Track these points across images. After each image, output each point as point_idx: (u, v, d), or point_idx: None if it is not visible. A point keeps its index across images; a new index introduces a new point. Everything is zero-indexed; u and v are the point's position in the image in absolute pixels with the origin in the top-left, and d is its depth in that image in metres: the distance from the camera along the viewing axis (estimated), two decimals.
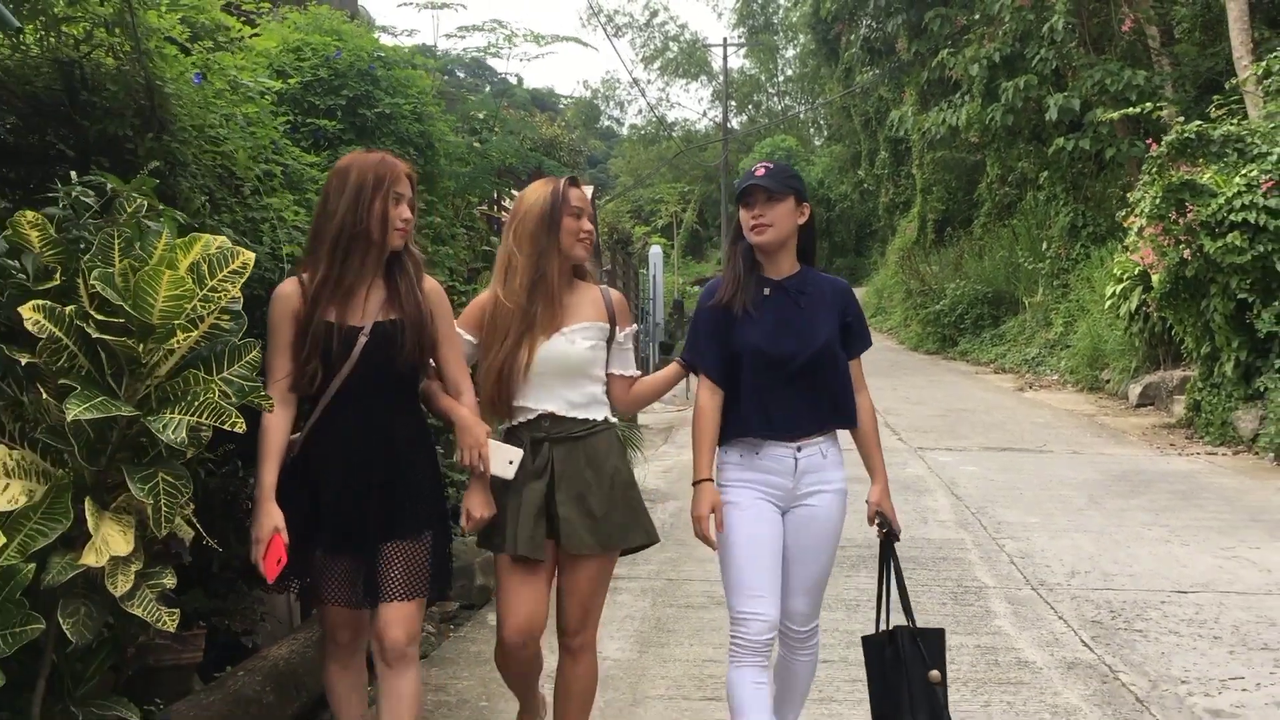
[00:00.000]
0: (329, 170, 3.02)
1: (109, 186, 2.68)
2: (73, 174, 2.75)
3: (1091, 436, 11.24)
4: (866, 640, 3.13)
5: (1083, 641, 4.70)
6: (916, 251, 29.21)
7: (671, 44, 55.92)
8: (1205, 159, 10.61)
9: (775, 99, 56.59)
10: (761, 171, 3.12)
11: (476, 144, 6.64)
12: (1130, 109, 13.87)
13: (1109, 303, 14.11)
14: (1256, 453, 9.66)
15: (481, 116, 6.44)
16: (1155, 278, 11.23)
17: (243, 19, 4.78)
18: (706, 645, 4.75)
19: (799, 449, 3.07)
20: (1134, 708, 3.97)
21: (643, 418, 12.96)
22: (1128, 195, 12.79)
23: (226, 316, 2.62)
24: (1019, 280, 21.41)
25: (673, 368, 3.25)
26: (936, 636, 3.09)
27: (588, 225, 3.10)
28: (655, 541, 3.13)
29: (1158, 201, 10.55)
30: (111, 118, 3.31)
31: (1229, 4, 14.66)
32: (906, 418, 12.52)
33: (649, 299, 19.75)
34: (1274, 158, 10.19)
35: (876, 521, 3.17)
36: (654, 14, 63.54)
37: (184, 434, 2.37)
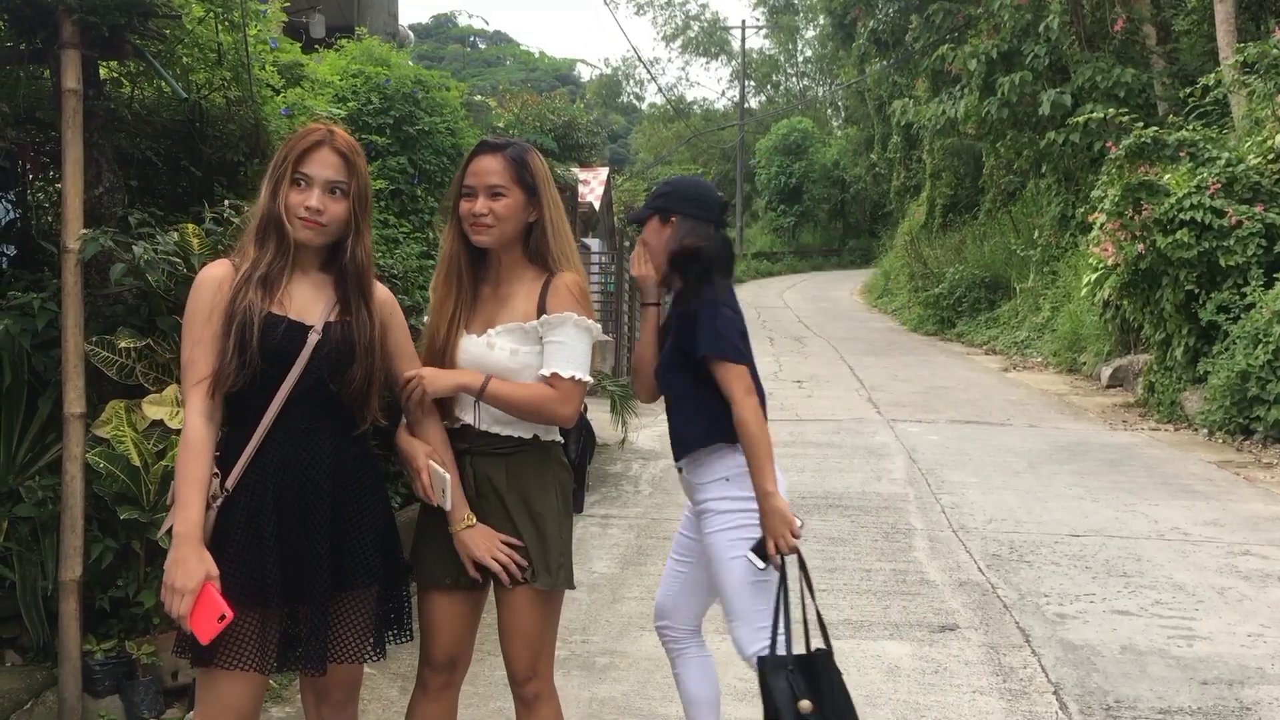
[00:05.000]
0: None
1: (245, 208, 3.83)
2: (224, 195, 3.91)
3: (1055, 413, 12.31)
4: (763, 660, 2.92)
5: (979, 568, 5.84)
6: (923, 235, 30.18)
7: (692, 23, 56.81)
8: (1160, 163, 11.63)
9: (794, 80, 57.42)
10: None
11: None
12: (1095, 115, 14.81)
13: (1084, 290, 15.14)
14: (1195, 429, 10.73)
15: (502, 125, 7.56)
16: (1117, 270, 12.30)
17: (311, 51, 5.94)
18: None
19: (679, 469, 3.09)
20: (1000, 610, 5.12)
21: None
22: (1092, 193, 13.82)
23: None
24: (1014, 266, 22.41)
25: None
26: (822, 662, 2.90)
27: (480, 207, 2.59)
28: (557, 587, 2.67)
29: (1117, 200, 11.61)
30: (228, 147, 4.46)
31: (1216, 4, 15.54)
32: (889, 393, 13.60)
33: None
34: (1222, 162, 11.22)
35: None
36: None
37: None
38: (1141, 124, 12.43)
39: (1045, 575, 5.71)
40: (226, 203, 3.94)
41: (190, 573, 2.25)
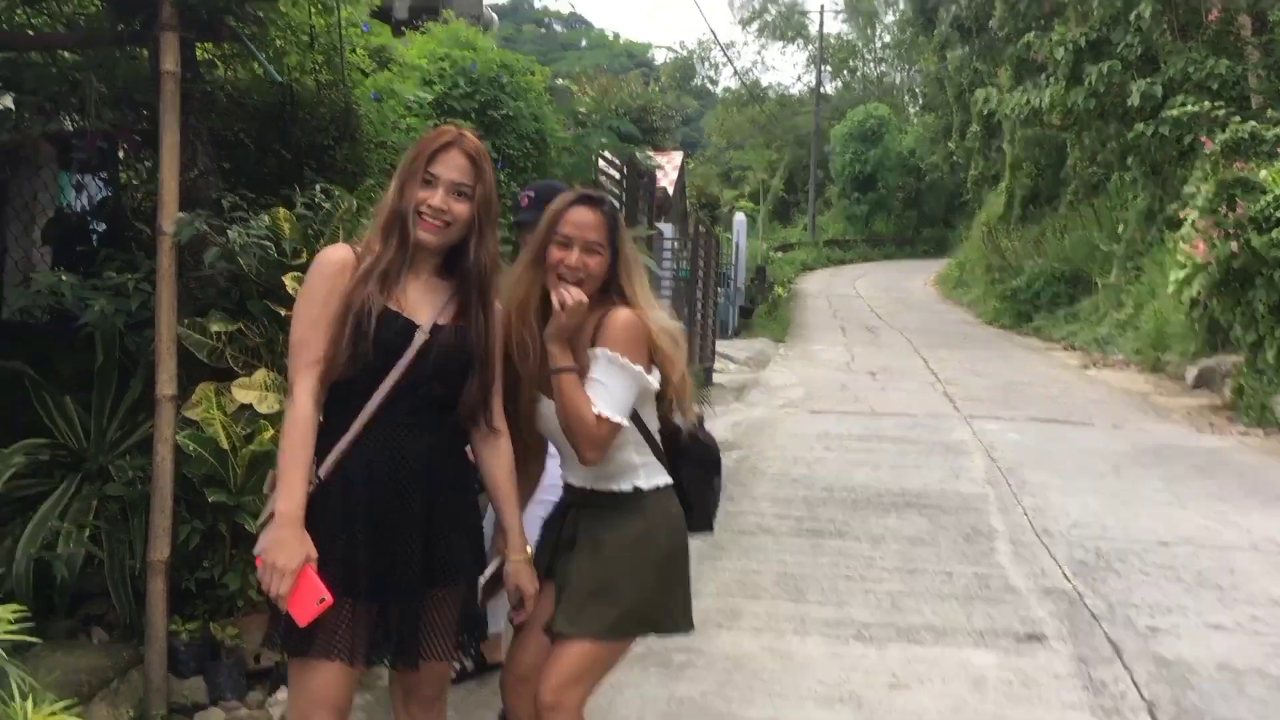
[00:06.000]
0: None
1: (336, 193, 3.82)
2: (315, 181, 3.90)
3: (1138, 414, 11.99)
4: None
5: (1065, 575, 5.68)
6: (1001, 227, 29.60)
7: (770, 6, 56.26)
8: (1257, 159, 11.23)
9: (871, 65, 56.63)
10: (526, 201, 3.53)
11: (580, 128, 7.73)
12: (1190, 108, 14.36)
13: (1172, 288, 14.71)
14: None
15: (584, 110, 7.51)
16: (1207, 268, 11.92)
17: (397, 35, 5.93)
18: (751, 560, 5.83)
19: None
20: (1088, 621, 4.97)
21: (717, 377, 14.04)
22: (1184, 189, 13.41)
23: None
24: (1095, 261, 21.88)
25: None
26: None
27: (574, 259, 2.54)
28: (675, 631, 2.74)
29: (1211, 196, 11.24)
30: (318, 130, 4.45)
31: None
32: (965, 388, 13.36)
33: (730, 264, 20.74)
34: None
35: None
36: None
37: None
38: (1238, 118, 12.00)
39: (1135, 585, 5.53)
40: (318, 187, 3.92)
41: (292, 553, 2.27)
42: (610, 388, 2.53)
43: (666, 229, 15.74)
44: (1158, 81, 18.23)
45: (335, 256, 2.46)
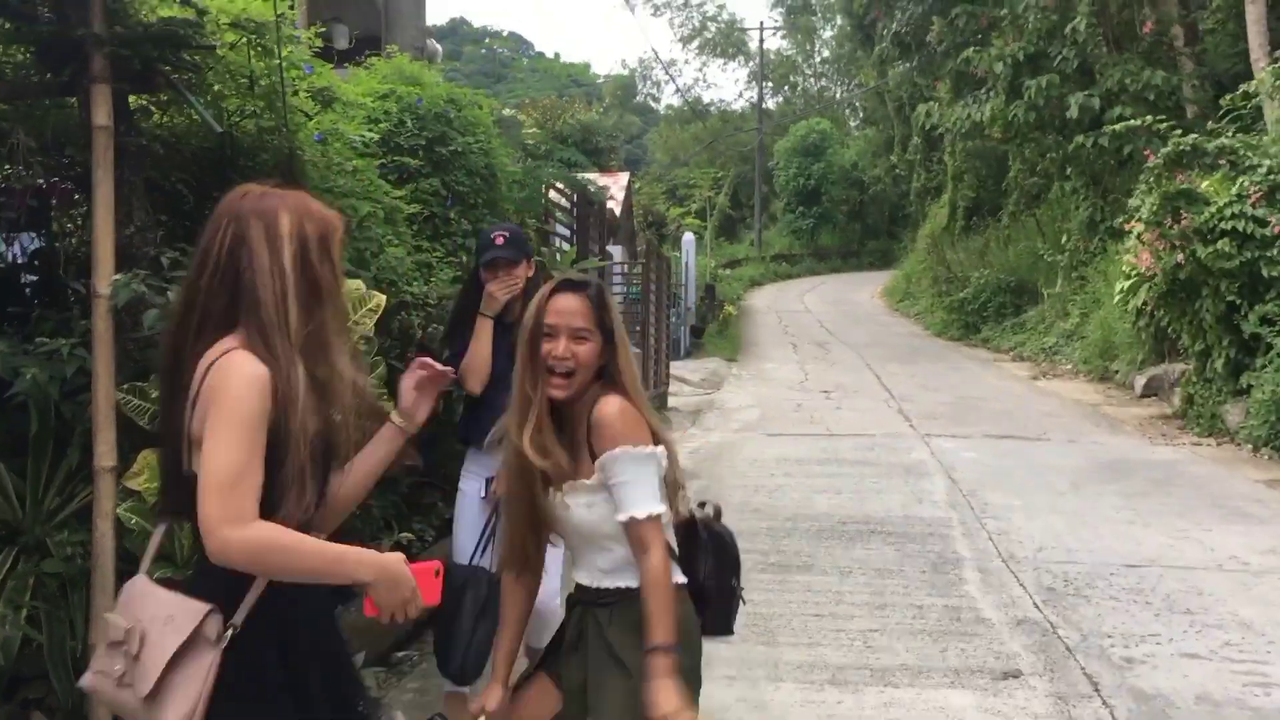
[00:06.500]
0: (248, 209, 2.17)
1: None
2: None
3: (1091, 425, 12.06)
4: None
5: (1035, 604, 5.62)
6: (945, 238, 29.86)
7: (710, 24, 56.57)
8: (1199, 171, 11.37)
9: (812, 80, 57.13)
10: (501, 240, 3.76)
11: (529, 160, 7.61)
12: (1132, 122, 14.54)
13: (1118, 298, 14.86)
14: (1238, 444, 10.48)
15: (532, 142, 7.38)
16: (1153, 279, 12.04)
17: (338, 66, 5.76)
18: None
19: None
20: (1063, 654, 4.90)
21: (672, 400, 13.93)
22: (1128, 200, 13.55)
23: (363, 342, 3.60)
24: (1040, 271, 22.10)
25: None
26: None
27: (561, 349, 2.46)
28: None
29: (1155, 209, 11.36)
30: (261, 177, 4.27)
31: (1248, 5, 15.24)
32: (919, 404, 13.38)
33: (681, 284, 20.69)
34: (1263, 170, 10.96)
35: None
36: None
37: None
38: (1179, 131, 12.15)
39: (1105, 613, 5.49)
40: None
41: (396, 578, 2.01)
42: (640, 483, 2.43)
43: (615, 251, 15.69)
44: (1095, 94, 18.51)
45: (260, 372, 1.99)
